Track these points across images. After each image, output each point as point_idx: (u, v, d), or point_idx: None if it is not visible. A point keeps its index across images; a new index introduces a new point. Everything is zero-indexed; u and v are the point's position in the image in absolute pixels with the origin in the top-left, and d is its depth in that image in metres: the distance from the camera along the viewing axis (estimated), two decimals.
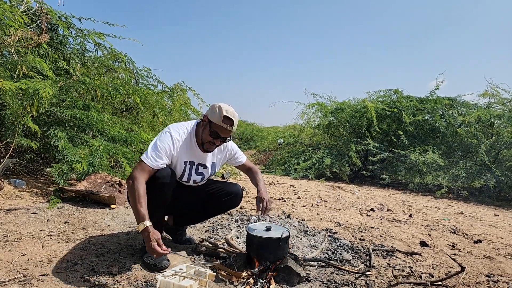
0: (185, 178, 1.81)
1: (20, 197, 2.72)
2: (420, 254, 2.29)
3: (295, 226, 2.58)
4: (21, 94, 2.80)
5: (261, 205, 1.83)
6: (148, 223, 1.47)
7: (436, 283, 1.77)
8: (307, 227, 2.64)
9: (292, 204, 3.79)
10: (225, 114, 1.67)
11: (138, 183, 1.53)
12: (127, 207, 2.79)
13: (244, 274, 1.59)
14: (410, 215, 3.71)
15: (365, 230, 2.86)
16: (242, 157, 2.05)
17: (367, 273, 1.85)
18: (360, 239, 2.55)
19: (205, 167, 1.86)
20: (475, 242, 2.76)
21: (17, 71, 2.98)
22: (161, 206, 1.72)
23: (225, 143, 1.87)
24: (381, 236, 2.68)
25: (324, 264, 1.92)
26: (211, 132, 1.70)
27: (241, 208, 3.26)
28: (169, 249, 1.49)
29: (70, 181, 2.98)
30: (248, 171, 2.06)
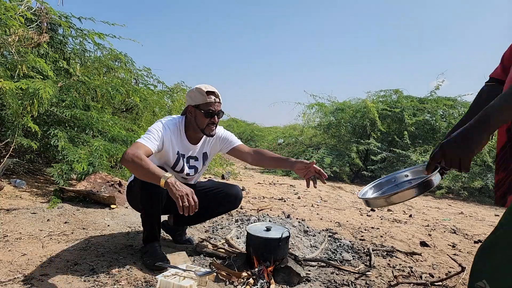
0: (178, 168, 1.79)
1: (20, 197, 2.72)
2: (420, 254, 2.28)
3: (295, 226, 2.58)
4: (21, 94, 2.80)
5: (319, 170, 1.67)
6: (169, 174, 1.40)
7: (436, 283, 1.77)
8: (307, 227, 2.64)
9: (292, 204, 3.79)
10: (205, 90, 1.67)
11: (137, 151, 1.47)
12: (127, 207, 2.79)
13: (244, 274, 1.59)
14: (410, 215, 3.71)
15: (365, 230, 2.86)
16: (238, 141, 1.95)
17: (367, 273, 1.85)
18: (360, 239, 2.55)
19: (196, 159, 1.85)
20: (475, 242, 2.75)
21: (17, 71, 2.98)
22: (158, 209, 1.70)
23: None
24: (381, 236, 2.68)
25: (324, 264, 1.92)
26: (205, 113, 1.69)
27: (241, 208, 3.26)
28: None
29: (70, 181, 2.98)
30: (257, 153, 1.89)
